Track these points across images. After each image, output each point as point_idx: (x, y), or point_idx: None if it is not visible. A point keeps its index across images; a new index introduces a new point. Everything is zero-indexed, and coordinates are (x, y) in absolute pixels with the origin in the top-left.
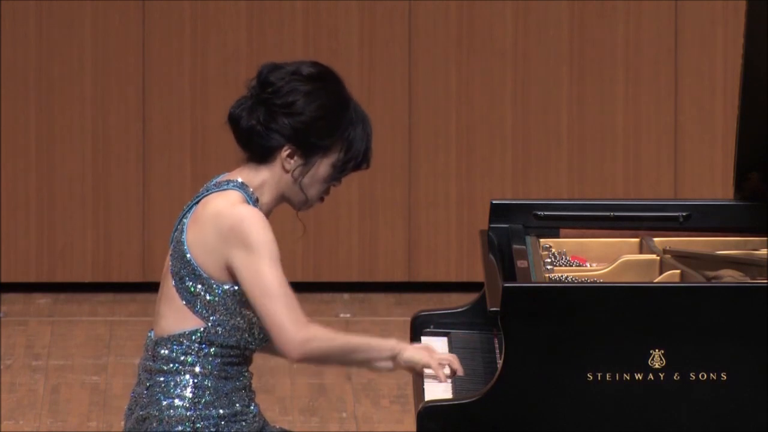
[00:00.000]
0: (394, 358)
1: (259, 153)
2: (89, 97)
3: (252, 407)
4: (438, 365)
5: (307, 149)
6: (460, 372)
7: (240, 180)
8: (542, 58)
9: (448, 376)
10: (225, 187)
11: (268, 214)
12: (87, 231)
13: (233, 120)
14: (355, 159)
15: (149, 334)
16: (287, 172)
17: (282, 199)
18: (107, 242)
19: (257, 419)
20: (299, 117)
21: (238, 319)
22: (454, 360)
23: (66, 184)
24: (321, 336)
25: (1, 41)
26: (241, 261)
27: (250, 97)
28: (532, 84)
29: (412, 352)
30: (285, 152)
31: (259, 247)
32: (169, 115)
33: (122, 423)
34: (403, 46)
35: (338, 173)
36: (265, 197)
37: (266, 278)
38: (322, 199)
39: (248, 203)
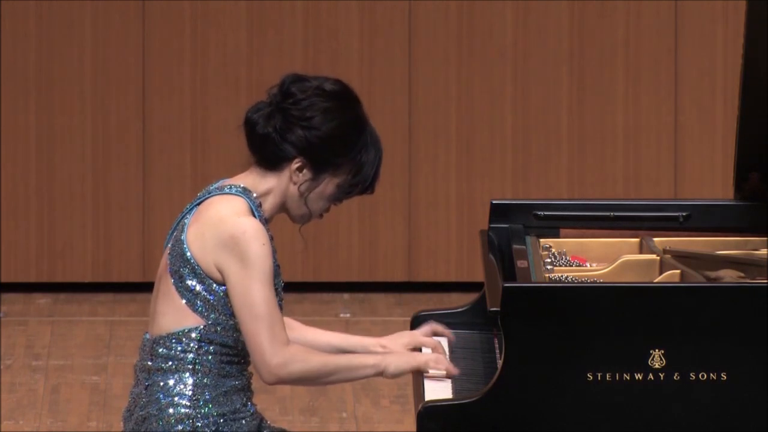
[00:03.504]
0: (380, 374)
1: (269, 160)
2: (89, 97)
3: (249, 406)
4: (426, 365)
5: (318, 165)
6: (452, 372)
7: (242, 185)
8: (542, 58)
9: (444, 375)
10: (227, 191)
11: (268, 221)
12: (87, 231)
13: (249, 124)
14: (363, 183)
15: (145, 336)
16: (294, 184)
17: (283, 209)
18: (107, 242)
19: (255, 418)
20: (315, 132)
21: (237, 319)
22: (440, 361)
23: (66, 184)
24: (297, 360)
25: (1, 41)
26: (234, 273)
27: (269, 104)
28: (532, 84)
29: (396, 366)
30: (295, 164)
31: (254, 265)
32: (169, 115)
33: (121, 424)
34: (403, 46)
35: (343, 194)
36: (268, 204)
37: (255, 298)
38: (321, 215)
39: (252, 212)
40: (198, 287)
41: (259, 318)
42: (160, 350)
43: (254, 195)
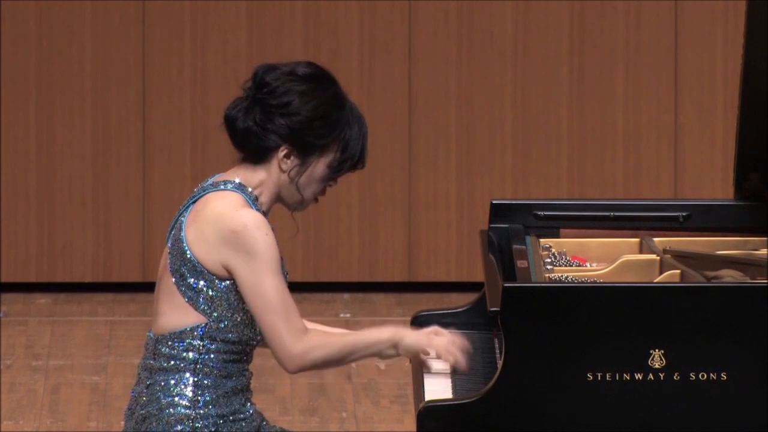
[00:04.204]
0: (395, 346)
1: (255, 153)
2: (89, 97)
3: (249, 406)
4: (438, 348)
5: (304, 149)
6: (465, 352)
7: (238, 180)
8: (542, 58)
9: (457, 367)
10: (222, 187)
11: (266, 213)
12: (87, 231)
13: (229, 121)
14: (351, 159)
15: (149, 334)
16: (284, 172)
17: (278, 199)
18: (107, 242)
19: (255, 418)
20: (295, 117)
21: (240, 314)
22: (454, 344)
23: (66, 184)
24: (318, 345)
25: (1, 41)
26: (241, 268)
27: (245, 98)
28: (532, 84)
29: (411, 339)
30: (282, 152)
31: (261, 256)
32: (169, 115)
33: (122, 423)
34: (403, 46)
35: (334, 173)
36: (263, 197)
37: (266, 289)
38: (316, 199)
39: (249, 205)
40: (200, 284)
41: (274, 309)
42: (163, 349)
43: (249, 189)
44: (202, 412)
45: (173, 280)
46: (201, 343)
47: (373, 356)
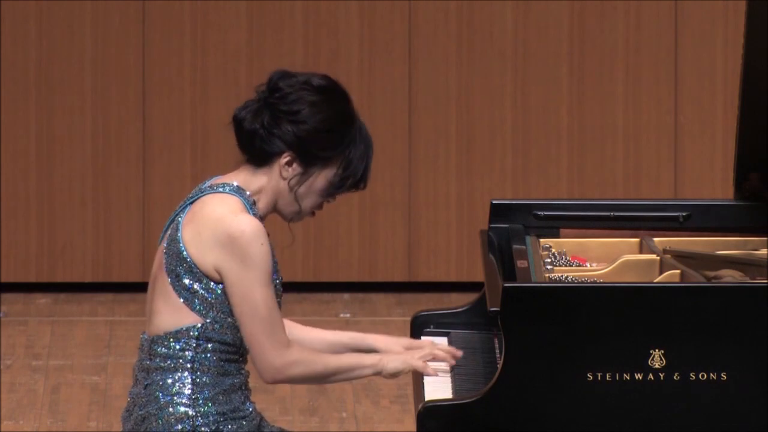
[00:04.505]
0: (378, 374)
1: (258, 156)
2: (89, 97)
3: (248, 404)
4: (423, 364)
5: (307, 159)
6: (450, 361)
7: (236, 184)
8: (542, 58)
9: (445, 369)
10: (220, 189)
11: (264, 218)
12: (87, 231)
13: (237, 121)
14: (353, 177)
15: (143, 335)
16: (284, 179)
17: (274, 208)
18: (107, 242)
19: (255, 416)
20: (303, 126)
21: (236, 319)
22: (437, 353)
23: (66, 184)
24: (299, 362)
25: (1, 41)
26: (233, 274)
27: (257, 100)
28: (532, 84)
29: (394, 364)
30: (284, 159)
31: (254, 266)
32: (169, 115)
33: (121, 425)
34: (403, 46)
35: (334, 189)
36: (262, 203)
37: (256, 299)
38: (313, 213)
39: (247, 210)
40: (195, 286)
41: (260, 320)
42: (159, 349)
43: (248, 193)
44: (202, 410)
45: (169, 280)
46: (197, 343)
47: (355, 379)
